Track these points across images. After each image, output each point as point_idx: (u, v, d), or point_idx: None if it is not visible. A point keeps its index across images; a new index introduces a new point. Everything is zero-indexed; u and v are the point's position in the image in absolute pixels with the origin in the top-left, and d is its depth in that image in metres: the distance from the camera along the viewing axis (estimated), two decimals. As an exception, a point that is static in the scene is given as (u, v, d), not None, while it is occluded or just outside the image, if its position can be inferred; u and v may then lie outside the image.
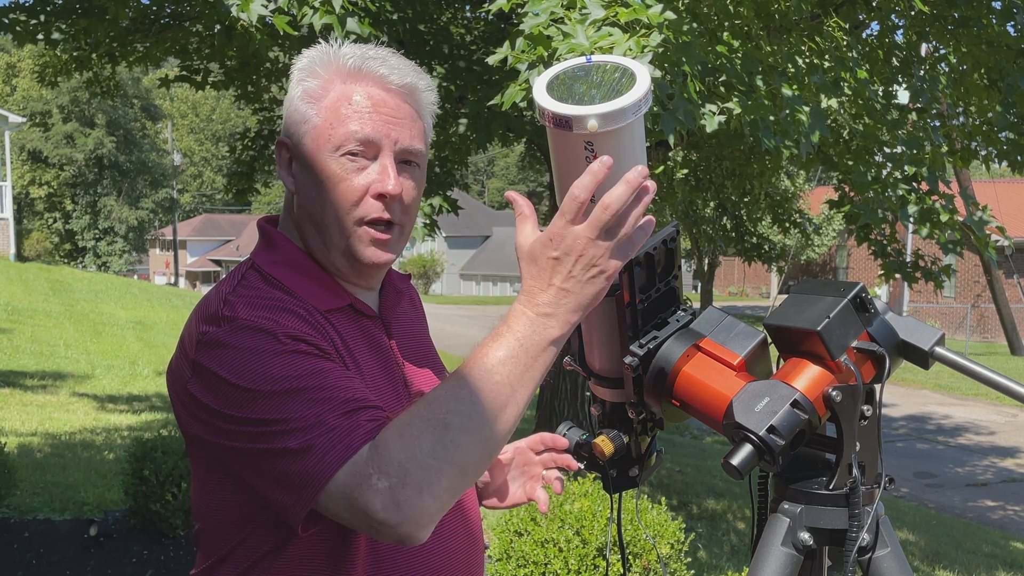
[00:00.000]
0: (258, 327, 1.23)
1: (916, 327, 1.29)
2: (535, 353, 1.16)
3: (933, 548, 7.49)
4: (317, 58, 1.35)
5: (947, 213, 4.99)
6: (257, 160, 7.96)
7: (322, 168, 1.31)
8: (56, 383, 10.38)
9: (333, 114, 1.32)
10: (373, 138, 1.31)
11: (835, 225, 26.26)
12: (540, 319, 1.16)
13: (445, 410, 1.13)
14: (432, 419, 1.13)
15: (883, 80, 5.12)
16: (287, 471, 1.16)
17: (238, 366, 1.21)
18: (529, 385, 1.17)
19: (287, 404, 1.18)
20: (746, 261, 21.02)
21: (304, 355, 1.22)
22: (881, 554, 1.28)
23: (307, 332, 1.25)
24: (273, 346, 1.21)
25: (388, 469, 1.11)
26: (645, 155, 1.25)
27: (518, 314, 1.17)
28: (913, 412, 14.64)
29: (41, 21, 5.58)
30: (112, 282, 24.76)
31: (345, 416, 1.17)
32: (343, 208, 1.31)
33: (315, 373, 1.20)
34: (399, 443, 1.12)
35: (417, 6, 6.31)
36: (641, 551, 3.93)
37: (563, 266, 1.15)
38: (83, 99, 46.06)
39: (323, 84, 1.33)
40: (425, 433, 1.12)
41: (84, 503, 5.39)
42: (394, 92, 1.34)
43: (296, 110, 1.35)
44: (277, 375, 1.19)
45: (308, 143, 1.33)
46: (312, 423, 1.16)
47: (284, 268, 1.35)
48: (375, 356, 1.37)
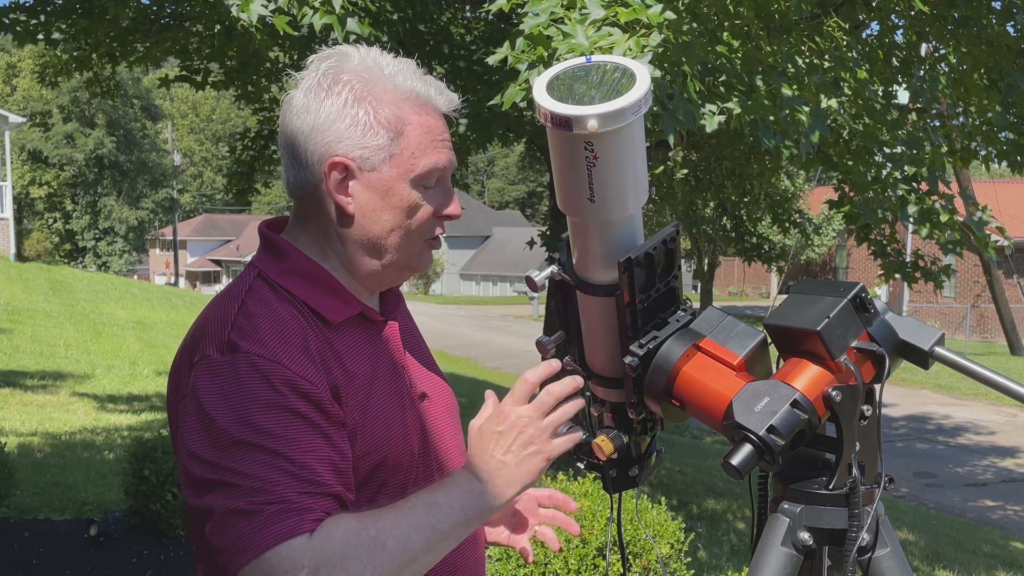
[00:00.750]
0: (259, 367, 1.23)
1: (916, 327, 1.29)
2: (471, 513, 1.27)
3: (933, 548, 7.49)
4: (369, 78, 1.34)
5: (947, 213, 4.99)
6: (257, 160, 7.97)
7: (401, 195, 1.34)
8: (56, 383, 10.38)
9: (416, 145, 1.34)
10: (448, 168, 1.38)
11: (835, 225, 26.26)
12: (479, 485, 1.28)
13: (387, 534, 1.21)
14: (375, 538, 1.20)
15: (883, 80, 5.12)
16: (230, 524, 1.18)
17: (225, 403, 1.22)
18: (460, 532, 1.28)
19: (255, 460, 1.20)
20: (746, 261, 21.02)
21: (291, 413, 1.23)
22: (881, 554, 1.28)
23: (304, 379, 1.25)
24: (265, 393, 1.22)
25: (321, 567, 1.16)
26: (645, 155, 1.26)
27: (461, 475, 1.29)
28: (913, 412, 14.64)
29: (41, 21, 5.58)
30: (112, 282, 24.76)
31: (304, 496, 1.20)
32: (417, 231, 1.37)
33: (292, 440, 1.22)
34: (341, 548, 1.18)
35: (417, 6, 6.31)
36: (641, 551, 3.93)
37: (504, 440, 1.29)
38: (83, 99, 46.06)
39: (396, 113, 1.33)
40: (365, 550, 1.19)
41: (84, 503, 5.39)
42: (442, 115, 1.39)
43: (366, 134, 1.33)
44: (259, 426, 1.21)
45: (386, 171, 1.33)
46: (270, 490, 1.18)
47: (295, 278, 1.35)
48: (383, 362, 1.39)
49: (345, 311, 1.36)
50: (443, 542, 1.25)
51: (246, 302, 1.30)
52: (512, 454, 1.28)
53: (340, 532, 1.18)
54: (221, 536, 1.19)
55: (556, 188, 1.26)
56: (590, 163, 1.17)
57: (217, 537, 1.19)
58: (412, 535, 1.22)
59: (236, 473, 1.19)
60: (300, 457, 1.21)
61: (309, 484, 1.20)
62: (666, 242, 1.31)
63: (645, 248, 1.28)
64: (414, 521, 1.23)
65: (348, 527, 1.19)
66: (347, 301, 1.37)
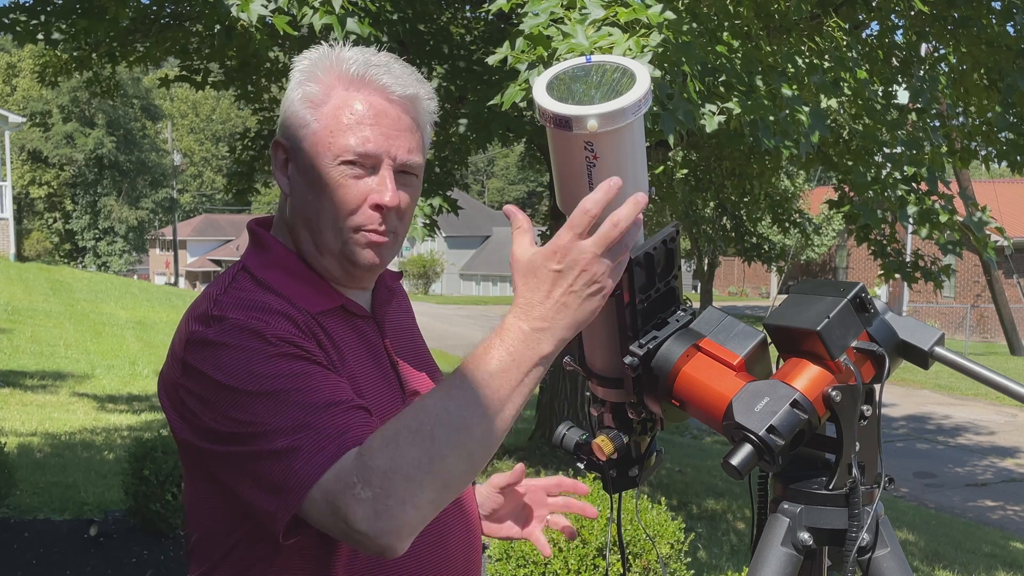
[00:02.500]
0: (247, 327, 1.22)
1: (916, 327, 1.28)
2: (526, 368, 1.14)
3: (933, 548, 7.49)
4: (319, 61, 1.34)
5: (946, 214, 4.99)
6: (257, 160, 7.97)
7: (320, 174, 1.31)
8: (56, 383, 10.38)
9: (334, 122, 1.30)
10: (373, 152, 1.30)
11: (835, 225, 26.27)
12: (534, 333, 1.15)
13: (432, 422, 1.11)
14: (419, 430, 1.11)
15: (883, 80, 5.12)
16: (271, 473, 1.14)
17: (226, 365, 1.20)
18: (517, 400, 1.15)
19: (274, 404, 1.17)
20: (746, 261, 21.04)
21: (292, 357, 1.21)
22: (881, 554, 1.28)
23: (295, 335, 1.24)
24: (261, 346, 1.21)
25: (372, 479, 1.09)
26: (645, 155, 1.25)
27: (511, 327, 1.16)
28: (913, 412, 14.64)
29: (41, 21, 5.58)
30: (112, 282, 24.76)
31: (333, 418, 1.16)
32: (340, 214, 1.31)
33: (303, 374, 1.20)
34: (384, 453, 1.10)
35: (417, 6, 6.31)
36: (641, 551, 3.93)
37: (565, 279, 1.14)
38: (83, 99, 46.06)
39: (324, 90, 1.32)
40: (411, 445, 1.10)
41: (84, 503, 5.40)
42: (396, 102, 1.33)
43: (295, 113, 1.34)
44: (265, 373, 1.19)
45: (307, 148, 1.32)
46: (299, 424, 1.15)
47: (274, 270, 1.35)
48: (369, 356, 1.37)
49: (324, 303, 1.34)
50: (505, 408, 1.14)
51: (228, 289, 1.30)
52: (575, 295, 1.14)
53: (379, 440, 1.12)
54: (264, 488, 1.15)
55: (556, 188, 1.26)
56: (590, 163, 1.17)
57: (260, 494, 1.16)
58: (465, 413, 1.12)
59: (258, 423, 1.16)
60: (316, 385, 1.19)
61: (336, 405, 1.17)
62: (666, 242, 1.31)
63: (645, 248, 1.28)
64: (465, 398, 1.13)
65: (387, 432, 1.12)
66: (325, 293, 1.35)
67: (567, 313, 1.15)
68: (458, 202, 7.16)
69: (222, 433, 1.19)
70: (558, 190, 1.26)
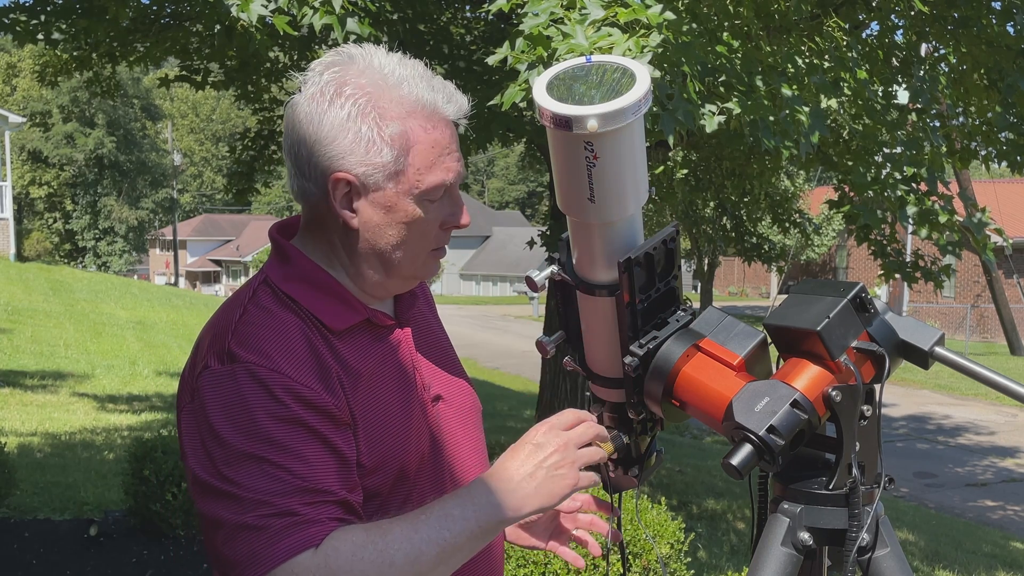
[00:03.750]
0: (259, 377, 1.23)
1: (916, 327, 1.28)
2: (484, 524, 1.25)
3: (933, 548, 7.49)
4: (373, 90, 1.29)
5: (946, 214, 4.98)
6: (257, 160, 7.96)
7: (406, 210, 1.32)
8: (56, 383, 10.38)
9: (423, 163, 1.30)
10: (455, 182, 1.35)
11: (835, 225, 26.27)
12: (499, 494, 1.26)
13: (395, 548, 1.20)
14: (384, 551, 1.19)
15: (883, 80, 5.12)
16: (236, 542, 1.18)
17: (226, 416, 1.22)
18: (475, 545, 1.26)
19: (257, 472, 1.19)
20: (746, 261, 21.01)
21: (293, 423, 1.22)
22: (881, 554, 1.28)
23: (308, 384, 1.24)
24: (267, 405, 1.22)
25: None
26: (645, 155, 1.25)
27: (480, 484, 1.27)
28: (913, 412, 14.64)
29: (41, 21, 5.57)
30: (112, 282, 24.76)
31: (310, 507, 1.19)
32: (426, 243, 1.36)
33: (297, 450, 1.21)
34: (349, 563, 1.17)
35: (417, 6, 6.31)
36: (641, 551, 3.93)
37: (539, 453, 1.29)
38: (83, 99, 46.05)
39: (401, 129, 1.29)
40: (374, 565, 1.18)
41: (84, 503, 5.40)
42: (454, 123, 1.36)
43: (370, 151, 1.29)
44: (260, 435, 1.20)
45: (391, 188, 1.30)
46: (274, 502, 1.18)
47: (298, 284, 1.34)
48: (392, 366, 1.37)
49: (350, 318, 1.34)
50: (456, 555, 1.24)
51: (248, 309, 1.30)
52: (543, 470, 1.28)
53: (347, 546, 1.17)
54: (232, 550, 1.19)
55: (556, 188, 1.26)
56: (590, 163, 1.17)
57: (227, 550, 1.19)
58: (423, 548, 1.21)
59: (241, 486, 1.19)
60: (304, 467, 1.20)
61: (315, 494, 1.20)
62: (666, 242, 1.31)
63: (645, 248, 1.28)
64: (426, 534, 1.21)
65: (356, 540, 1.18)
66: (353, 307, 1.35)
67: (531, 486, 1.27)
68: (458, 202, 7.13)
69: (202, 480, 1.22)
70: (558, 190, 1.26)
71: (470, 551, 1.26)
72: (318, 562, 1.16)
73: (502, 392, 14.44)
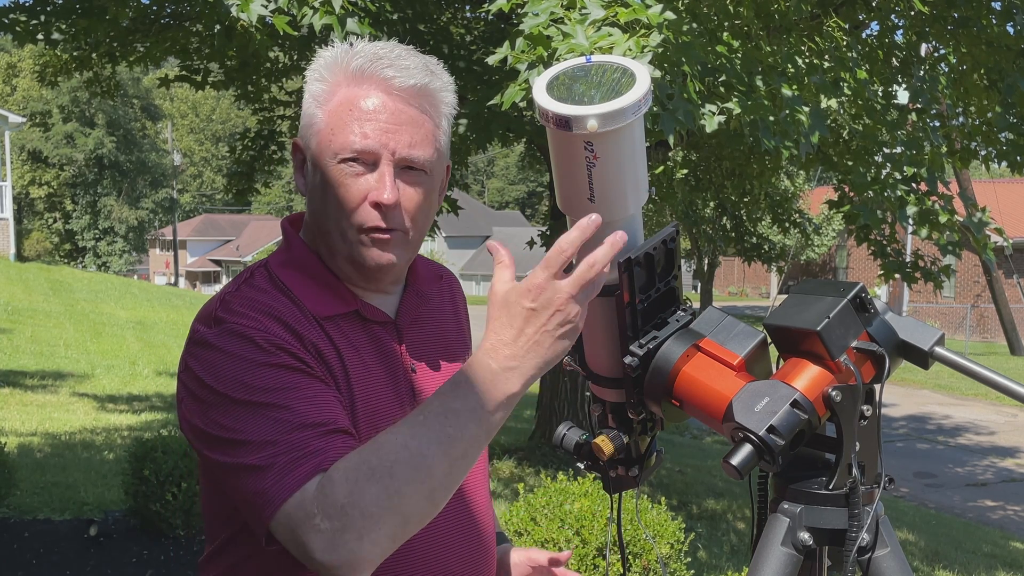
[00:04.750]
0: (243, 333, 1.23)
1: (916, 327, 1.28)
2: (491, 407, 1.14)
3: (933, 548, 7.49)
4: (329, 58, 1.33)
5: (946, 214, 4.98)
6: (257, 160, 7.97)
7: (324, 172, 1.30)
8: (56, 383, 10.38)
9: (335, 119, 1.30)
10: (370, 147, 1.28)
11: (835, 225, 26.28)
12: (503, 372, 1.14)
13: (392, 459, 1.12)
14: (378, 467, 1.12)
15: (883, 80, 5.12)
16: (246, 486, 1.17)
17: (218, 370, 1.22)
18: (481, 439, 1.15)
19: (256, 416, 1.19)
20: (746, 261, 21.04)
21: (284, 368, 1.22)
22: (881, 554, 1.28)
23: (292, 343, 1.25)
24: (254, 354, 1.22)
25: (331, 512, 1.11)
26: (645, 155, 1.25)
27: (480, 364, 1.15)
28: (913, 412, 14.64)
29: (41, 21, 5.58)
30: (112, 282, 24.76)
31: (310, 440, 1.17)
32: (343, 214, 1.30)
33: (291, 388, 1.21)
34: (344, 487, 1.12)
35: (417, 6, 6.31)
36: (641, 551, 3.93)
37: (538, 318, 1.14)
38: (83, 99, 46.05)
39: (330, 88, 1.32)
40: (369, 481, 1.11)
41: (84, 503, 5.40)
42: (397, 95, 1.30)
43: (305, 113, 1.34)
44: (253, 384, 1.20)
45: (313, 147, 1.32)
46: (276, 441, 1.17)
47: (292, 270, 1.35)
48: (381, 363, 1.36)
49: (336, 307, 1.34)
50: (470, 448, 1.15)
51: (241, 288, 1.32)
52: (547, 334, 1.14)
53: (341, 473, 1.12)
54: (242, 494, 1.18)
55: (556, 188, 1.26)
56: (590, 163, 1.17)
57: (238, 494, 1.19)
58: (426, 451, 1.12)
59: (241, 430, 1.18)
60: (299, 403, 1.20)
61: (315, 426, 1.18)
62: (666, 242, 1.31)
63: (645, 248, 1.28)
64: (428, 436, 1.13)
65: (349, 465, 1.13)
66: (342, 298, 1.35)
67: (538, 352, 1.15)
68: (458, 202, 7.16)
69: (207, 434, 1.22)
70: (558, 190, 1.26)
71: (486, 437, 1.16)
72: (319, 494, 1.12)
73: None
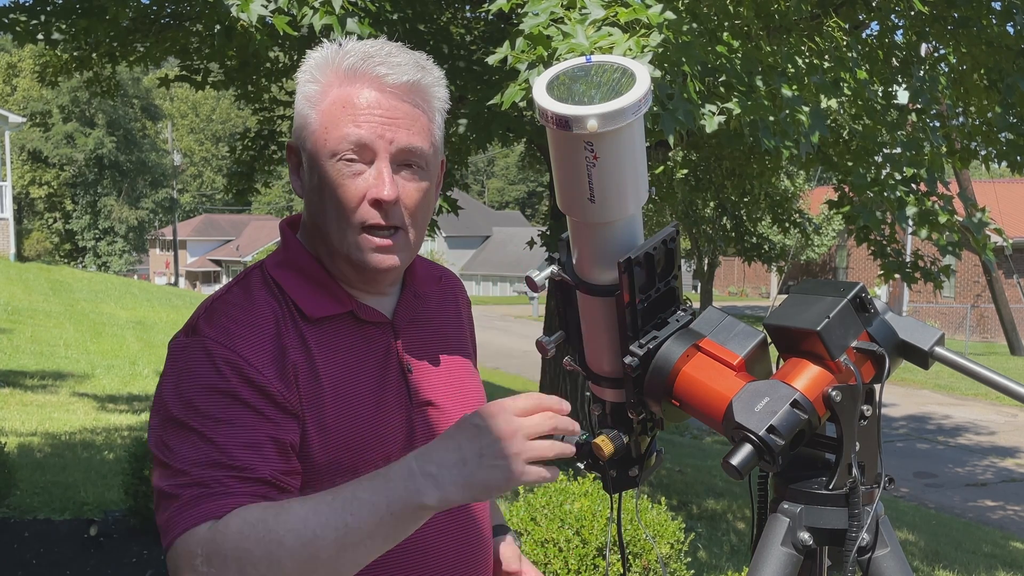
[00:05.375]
0: (208, 351, 1.24)
1: (916, 327, 1.28)
2: (396, 507, 1.12)
3: (933, 548, 7.49)
4: (319, 60, 1.33)
5: (946, 214, 4.98)
6: (257, 160, 7.97)
7: (321, 173, 1.30)
8: (56, 383, 10.38)
9: (329, 118, 1.29)
10: (366, 142, 1.28)
11: (835, 225, 26.28)
12: (420, 476, 1.13)
13: (288, 528, 1.12)
14: (272, 531, 1.12)
15: (883, 80, 5.12)
16: (157, 511, 1.21)
17: (173, 384, 1.24)
18: (379, 538, 1.13)
19: (184, 441, 1.20)
20: (746, 261, 21.03)
21: (230, 398, 1.22)
22: (881, 554, 1.28)
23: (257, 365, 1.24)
24: (209, 376, 1.23)
25: (213, 558, 1.12)
26: (645, 155, 1.25)
27: (405, 461, 1.15)
28: (913, 412, 14.64)
29: (41, 21, 5.58)
30: (112, 282, 24.75)
31: (225, 481, 1.18)
32: (342, 214, 1.30)
33: (226, 422, 1.21)
34: (234, 540, 1.12)
35: (417, 6, 6.31)
36: (641, 551, 3.93)
37: (479, 438, 1.12)
38: (83, 99, 46.04)
39: (322, 88, 1.31)
40: (260, 543, 1.12)
41: (84, 503, 5.39)
42: (391, 92, 1.30)
43: (299, 114, 1.34)
44: (196, 406, 1.22)
45: (309, 148, 1.32)
46: (189, 471, 1.18)
47: (286, 270, 1.35)
48: (374, 365, 1.35)
49: (330, 308, 1.34)
50: (363, 543, 1.13)
51: (232, 289, 1.34)
52: (480, 458, 1.12)
53: (237, 522, 1.13)
54: (157, 516, 1.22)
55: (556, 188, 1.26)
56: (590, 163, 1.17)
57: (156, 515, 1.23)
58: (320, 532, 1.11)
59: (169, 452, 1.21)
60: (229, 441, 1.20)
61: (232, 469, 1.19)
62: (666, 242, 1.30)
63: (645, 248, 1.28)
64: (327, 517, 1.12)
65: (249, 518, 1.14)
66: (336, 298, 1.35)
67: (462, 471, 1.12)
68: (458, 202, 7.16)
69: (152, 435, 1.26)
70: (558, 190, 1.26)
71: (384, 539, 1.14)
72: (209, 536, 1.13)
73: (502, 393, 14.34)
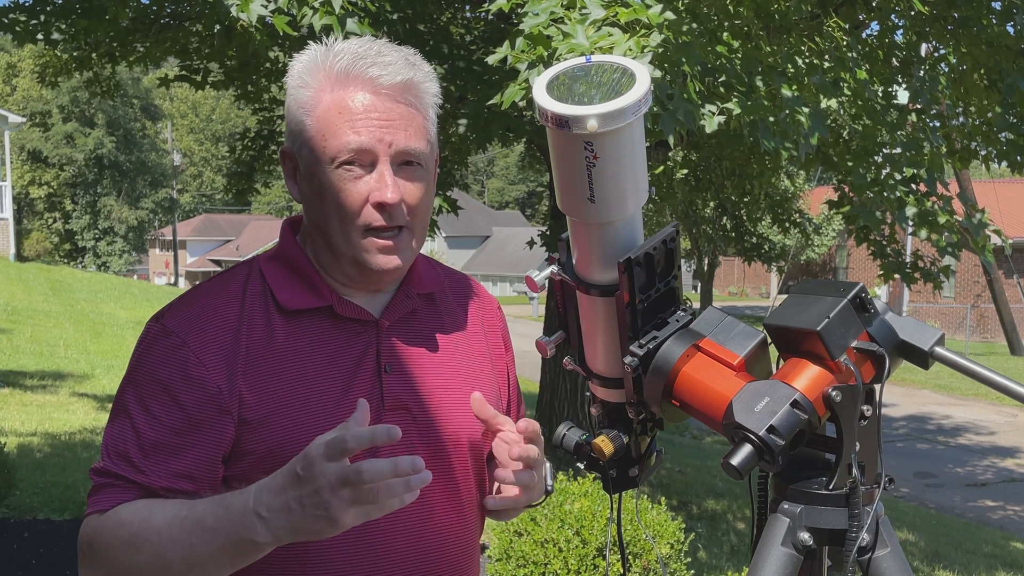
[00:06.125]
0: (158, 341, 1.31)
1: (916, 327, 1.28)
2: (232, 540, 1.16)
3: (933, 548, 7.49)
4: (308, 64, 1.32)
5: (945, 215, 4.98)
6: (257, 160, 7.96)
7: (321, 179, 1.30)
8: (56, 383, 10.38)
9: (325, 125, 1.29)
10: (366, 146, 1.28)
11: (835, 225, 26.27)
12: (252, 515, 1.15)
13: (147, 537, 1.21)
14: (136, 535, 1.22)
15: (883, 80, 5.12)
16: None
17: (133, 365, 1.33)
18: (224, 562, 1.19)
19: (121, 423, 1.29)
20: (746, 261, 21.03)
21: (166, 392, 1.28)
22: (881, 554, 1.28)
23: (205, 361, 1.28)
24: (153, 368, 1.29)
25: (92, 550, 1.27)
26: (645, 155, 1.25)
27: (243, 496, 1.17)
28: (913, 412, 14.64)
29: (41, 21, 5.57)
30: (112, 282, 24.75)
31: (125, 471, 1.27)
32: (346, 218, 1.30)
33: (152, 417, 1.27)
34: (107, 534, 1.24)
35: (417, 6, 6.31)
36: (641, 551, 3.93)
37: (300, 487, 1.12)
38: (83, 99, 46.02)
39: (314, 93, 1.31)
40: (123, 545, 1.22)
41: (84, 503, 5.39)
42: (385, 94, 1.29)
43: (293, 120, 1.33)
44: (137, 388, 1.30)
45: (306, 154, 1.32)
46: (105, 455, 1.29)
47: (275, 262, 1.38)
48: (347, 361, 1.34)
49: (308, 301, 1.34)
50: (209, 566, 1.19)
51: (213, 279, 1.38)
52: (303, 507, 1.12)
53: (112, 522, 1.23)
54: None
55: (556, 188, 1.26)
56: (590, 163, 1.17)
57: None
58: (170, 548, 1.19)
59: (108, 431, 1.31)
60: (147, 436, 1.26)
61: (134, 469, 1.26)
62: (666, 242, 1.30)
63: (645, 248, 1.27)
64: (177, 534, 1.19)
65: (125, 517, 1.23)
66: (318, 292, 1.35)
67: (289, 517, 1.13)
68: (458, 202, 7.15)
69: None
70: (558, 190, 1.26)
71: (230, 563, 1.19)
72: (95, 526, 1.25)
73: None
